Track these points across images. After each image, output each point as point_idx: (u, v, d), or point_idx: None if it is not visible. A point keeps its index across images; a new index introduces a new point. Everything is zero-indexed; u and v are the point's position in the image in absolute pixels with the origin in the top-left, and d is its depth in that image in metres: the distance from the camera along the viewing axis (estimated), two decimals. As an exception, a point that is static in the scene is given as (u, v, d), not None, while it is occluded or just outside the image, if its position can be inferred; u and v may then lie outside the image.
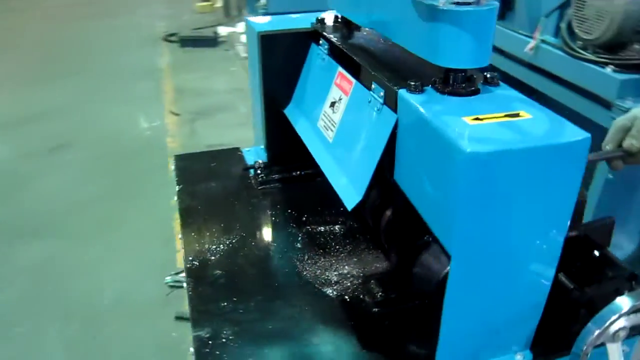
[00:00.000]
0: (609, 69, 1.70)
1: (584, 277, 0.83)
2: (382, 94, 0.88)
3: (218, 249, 1.11)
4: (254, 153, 1.46)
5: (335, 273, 1.05)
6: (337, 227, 1.20)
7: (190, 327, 0.92)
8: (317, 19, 1.22)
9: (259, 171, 1.36)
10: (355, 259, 1.09)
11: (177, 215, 1.23)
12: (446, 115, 0.73)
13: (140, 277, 2.44)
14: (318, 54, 1.18)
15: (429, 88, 0.81)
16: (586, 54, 1.79)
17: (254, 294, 0.99)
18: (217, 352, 0.87)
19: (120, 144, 3.65)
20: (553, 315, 0.83)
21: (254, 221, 1.22)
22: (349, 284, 1.03)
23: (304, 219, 1.23)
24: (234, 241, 1.14)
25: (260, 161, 1.37)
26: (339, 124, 1.02)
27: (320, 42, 1.17)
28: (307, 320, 0.94)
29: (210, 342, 0.89)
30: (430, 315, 0.81)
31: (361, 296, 1.00)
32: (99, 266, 2.52)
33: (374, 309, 0.97)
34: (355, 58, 1.00)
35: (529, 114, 0.74)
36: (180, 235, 1.15)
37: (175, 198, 1.28)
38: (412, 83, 0.81)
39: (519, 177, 0.68)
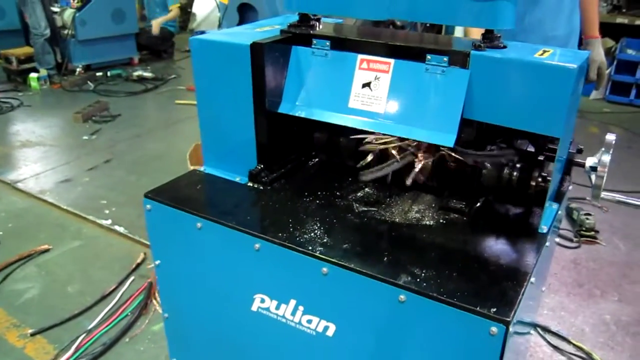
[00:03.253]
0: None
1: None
2: (445, 59, 1.23)
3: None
4: (217, 167, 1.53)
5: (415, 210, 1.35)
6: (372, 189, 1.46)
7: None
8: (292, 25, 1.42)
9: (262, 173, 1.46)
10: (415, 200, 1.39)
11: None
12: (527, 56, 1.16)
13: None
14: (314, 53, 1.39)
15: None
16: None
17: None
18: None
19: None
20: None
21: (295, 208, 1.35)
22: (431, 214, 1.34)
23: (338, 193, 1.43)
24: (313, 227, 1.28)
25: (258, 166, 1.46)
26: (388, 96, 1.31)
27: (314, 42, 1.39)
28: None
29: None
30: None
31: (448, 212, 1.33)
32: None
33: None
34: (389, 42, 1.30)
35: (549, 50, 1.23)
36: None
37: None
38: (478, 44, 1.20)
39: (579, 80, 1.18)
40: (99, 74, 6.18)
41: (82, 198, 3.50)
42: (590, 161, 1.35)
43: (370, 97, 1.33)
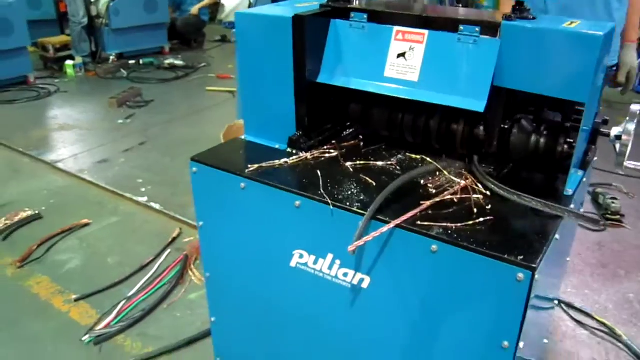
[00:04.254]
0: None
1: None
2: (477, 29, 1.31)
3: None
4: (258, 136, 1.62)
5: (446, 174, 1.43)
6: (404, 156, 1.54)
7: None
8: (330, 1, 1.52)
9: (301, 140, 1.55)
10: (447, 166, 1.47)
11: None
12: (557, 25, 1.23)
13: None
14: (351, 25, 1.48)
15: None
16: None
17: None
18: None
19: None
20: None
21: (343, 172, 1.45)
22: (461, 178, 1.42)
23: (372, 158, 1.52)
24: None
25: (297, 133, 1.56)
26: (423, 66, 1.39)
27: (352, 15, 1.47)
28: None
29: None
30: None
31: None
32: None
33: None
34: (423, 15, 1.38)
35: (577, 21, 1.30)
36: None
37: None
38: (508, 15, 1.28)
39: (606, 48, 1.25)
40: (132, 62, 6.36)
41: (119, 177, 3.65)
42: (615, 130, 1.41)
43: (405, 67, 1.41)
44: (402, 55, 1.41)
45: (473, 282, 1.16)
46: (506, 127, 1.40)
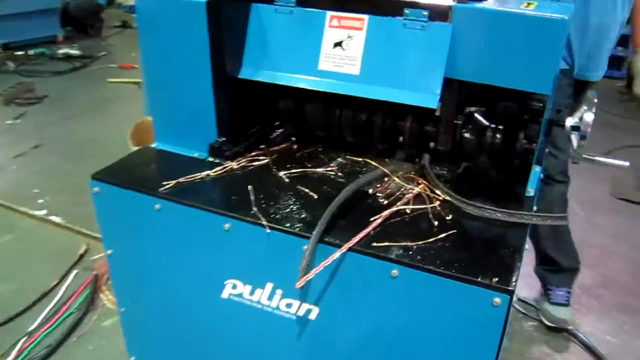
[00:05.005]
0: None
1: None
2: (425, 13, 1.15)
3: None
4: (172, 143, 1.39)
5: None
6: (345, 160, 1.38)
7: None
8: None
9: (224, 147, 1.34)
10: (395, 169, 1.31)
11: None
12: (514, 7, 1.09)
13: None
14: (276, 10, 1.27)
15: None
16: None
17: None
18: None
19: None
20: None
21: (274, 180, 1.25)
22: (412, 183, 1.27)
23: (310, 164, 1.34)
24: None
25: (219, 139, 1.34)
26: (364, 56, 1.21)
27: (278, -2, 1.27)
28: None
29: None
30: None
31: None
32: None
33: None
34: (359, -3, 1.20)
35: (534, 2, 1.17)
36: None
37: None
38: (460, -4, 1.12)
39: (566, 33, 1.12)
40: (20, 53, 5.73)
41: (11, 188, 3.23)
42: (571, 121, 1.31)
43: (343, 58, 1.23)
44: (339, 44, 1.23)
45: (441, 310, 1.01)
46: (459, 122, 1.25)
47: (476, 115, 1.25)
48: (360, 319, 1.10)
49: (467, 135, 1.25)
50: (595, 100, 1.26)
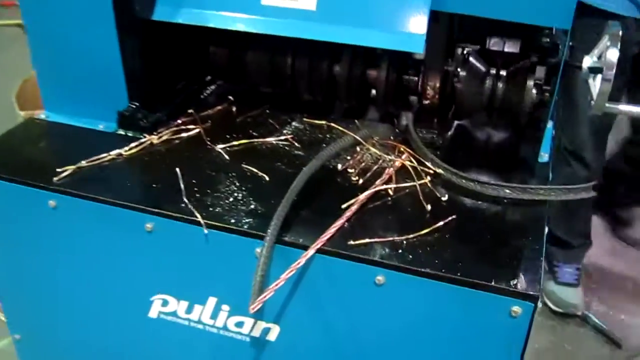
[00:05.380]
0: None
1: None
2: None
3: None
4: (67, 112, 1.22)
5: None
6: (303, 124, 1.26)
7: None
8: None
9: (139, 114, 1.17)
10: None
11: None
12: None
13: None
14: None
15: None
16: None
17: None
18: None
19: None
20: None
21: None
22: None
23: (255, 133, 1.20)
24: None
25: (132, 105, 1.18)
26: (320, -14, 1.06)
27: None
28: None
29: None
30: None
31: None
32: None
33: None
34: None
35: None
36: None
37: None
38: None
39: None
40: None
41: None
42: (588, 61, 1.19)
43: (294, -11, 1.07)
44: (286, -28, 1.07)
45: (442, 325, 0.91)
46: (449, 68, 1.13)
47: (471, 59, 1.12)
48: (335, 340, 0.99)
49: (461, 86, 1.13)
50: (620, 34, 1.16)
